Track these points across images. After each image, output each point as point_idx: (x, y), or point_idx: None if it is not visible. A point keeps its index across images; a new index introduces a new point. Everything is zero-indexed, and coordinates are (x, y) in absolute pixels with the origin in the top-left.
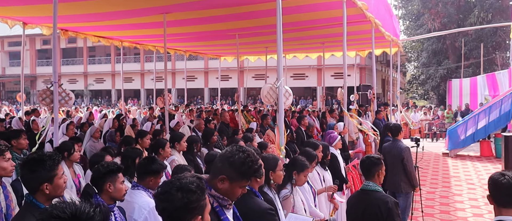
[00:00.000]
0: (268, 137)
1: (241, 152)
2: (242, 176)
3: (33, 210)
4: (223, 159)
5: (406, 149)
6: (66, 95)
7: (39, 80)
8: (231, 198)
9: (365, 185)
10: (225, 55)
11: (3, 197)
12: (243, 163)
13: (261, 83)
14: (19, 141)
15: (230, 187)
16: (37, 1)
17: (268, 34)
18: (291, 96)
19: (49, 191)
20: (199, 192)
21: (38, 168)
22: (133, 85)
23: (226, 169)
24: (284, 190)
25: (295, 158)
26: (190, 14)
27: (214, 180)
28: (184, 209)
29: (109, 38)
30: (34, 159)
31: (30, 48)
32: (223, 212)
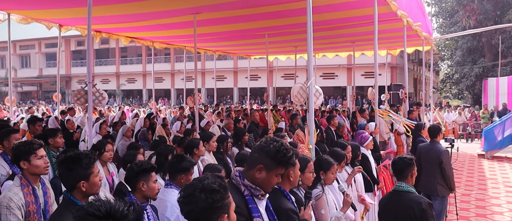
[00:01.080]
0: (297, 137)
1: (275, 142)
2: (278, 163)
3: (71, 207)
4: (259, 149)
5: (445, 152)
6: (99, 95)
7: (73, 80)
8: (268, 187)
9: (397, 186)
10: (254, 54)
11: (41, 193)
12: (278, 151)
13: (290, 83)
14: (55, 140)
15: (267, 177)
16: (72, 4)
17: (297, 33)
18: (321, 96)
19: (85, 189)
20: (222, 191)
21: (75, 166)
22: (164, 85)
23: (263, 159)
24: (316, 190)
25: (318, 158)
26: (220, 14)
27: (251, 171)
28: (209, 210)
29: (141, 39)
30: (71, 157)
31: (66, 49)
32: (253, 201)
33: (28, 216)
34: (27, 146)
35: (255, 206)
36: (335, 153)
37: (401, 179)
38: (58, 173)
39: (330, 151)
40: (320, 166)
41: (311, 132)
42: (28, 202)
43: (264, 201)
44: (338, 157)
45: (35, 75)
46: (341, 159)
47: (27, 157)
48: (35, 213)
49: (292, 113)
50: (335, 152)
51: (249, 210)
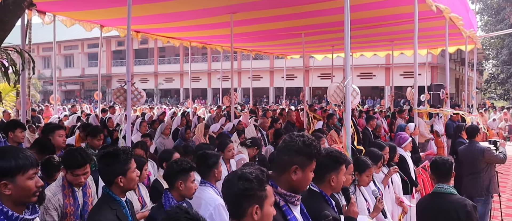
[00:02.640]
0: (330, 137)
1: (298, 136)
2: (310, 157)
3: (109, 201)
4: (287, 150)
5: (487, 149)
6: (138, 93)
7: (114, 79)
8: (304, 186)
9: (438, 188)
10: (290, 54)
11: (81, 194)
12: (306, 145)
13: (326, 82)
14: (93, 141)
15: (303, 175)
16: (113, 4)
17: (334, 32)
18: (358, 95)
19: (123, 184)
20: (256, 182)
21: (113, 162)
22: (200, 84)
23: (294, 158)
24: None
25: (357, 158)
26: (256, 14)
27: (284, 175)
28: (241, 196)
29: (178, 39)
30: (110, 153)
31: (106, 49)
32: (290, 211)
33: (64, 217)
34: (73, 161)
35: (293, 216)
36: (372, 153)
37: (443, 180)
38: (97, 169)
39: (366, 151)
40: (356, 167)
41: (347, 132)
42: (66, 204)
43: (298, 205)
44: (375, 157)
45: (78, 75)
46: (378, 160)
47: (72, 170)
48: (72, 215)
49: (328, 113)
50: (372, 153)
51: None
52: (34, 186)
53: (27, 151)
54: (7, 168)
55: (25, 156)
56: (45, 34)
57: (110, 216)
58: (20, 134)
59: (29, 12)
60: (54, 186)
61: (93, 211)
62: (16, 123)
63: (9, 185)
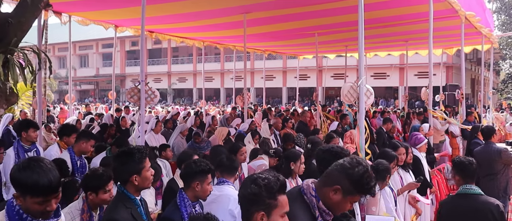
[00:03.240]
0: (350, 135)
1: (360, 166)
2: (357, 190)
3: (124, 200)
4: (342, 169)
5: (504, 151)
6: (152, 93)
7: (127, 79)
8: (337, 211)
9: (466, 189)
10: (303, 54)
11: (97, 218)
12: (361, 178)
13: (339, 83)
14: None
15: (341, 200)
16: (127, 4)
17: (348, 31)
18: (372, 95)
19: (138, 183)
20: (264, 189)
21: (128, 160)
22: (214, 84)
23: (342, 180)
24: None
25: (377, 166)
26: (269, 13)
27: (325, 188)
28: (248, 199)
29: (192, 39)
30: (124, 152)
31: (120, 49)
32: None
33: None
34: (98, 180)
35: None
36: (386, 154)
37: (468, 181)
38: (112, 168)
39: (381, 151)
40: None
41: (361, 133)
42: None
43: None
44: (388, 158)
45: (92, 74)
46: (391, 160)
47: (96, 190)
48: None
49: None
50: (385, 153)
51: None
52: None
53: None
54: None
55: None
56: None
57: (125, 215)
58: (33, 134)
59: (45, 13)
60: (74, 207)
61: (108, 210)
62: (29, 123)
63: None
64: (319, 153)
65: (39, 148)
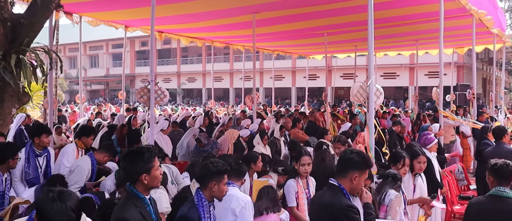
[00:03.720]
0: (363, 137)
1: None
2: (366, 166)
3: (134, 199)
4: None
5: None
6: (161, 93)
7: (137, 79)
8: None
9: (499, 191)
10: (313, 54)
11: None
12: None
13: (349, 83)
14: None
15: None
16: (137, 4)
17: (357, 31)
18: (382, 95)
19: (147, 182)
20: None
21: (137, 160)
22: (223, 84)
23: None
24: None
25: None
26: (278, 13)
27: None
28: None
29: (201, 39)
30: (134, 151)
31: (130, 49)
32: None
33: None
34: None
35: None
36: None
37: (503, 183)
38: (122, 166)
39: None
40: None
41: (371, 132)
42: None
43: None
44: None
45: (102, 74)
46: (398, 161)
47: None
48: None
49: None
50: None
51: None
52: None
53: None
54: None
55: None
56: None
57: (134, 214)
58: (46, 140)
59: (56, 14)
60: None
61: (118, 209)
62: (42, 128)
63: None
64: None
65: (51, 151)
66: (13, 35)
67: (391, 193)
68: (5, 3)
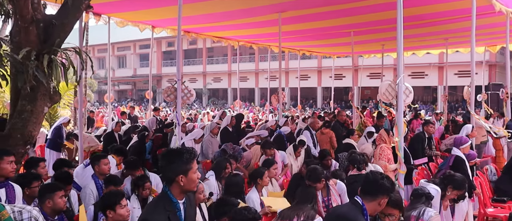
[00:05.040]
0: (380, 137)
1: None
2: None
3: (165, 202)
4: (378, 184)
5: None
6: (188, 92)
7: (164, 79)
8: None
9: None
10: (339, 53)
11: None
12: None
13: (375, 82)
14: None
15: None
16: (163, 4)
17: (385, 30)
18: (412, 94)
19: (183, 184)
20: None
21: (176, 160)
22: (248, 84)
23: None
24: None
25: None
26: (304, 12)
27: (372, 202)
28: None
29: (227, 39)
30: (173, 151)
31: (157, 50)
32: None
33: None
34: (113, 197)
35: None
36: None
37: None
38: (159, 165)
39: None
40: (427, 199)
41: (399, 131)
42: None
43: None
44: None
45: (130, 75)
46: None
47: (113, 207)
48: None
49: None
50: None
51: None
52: None
53: None
54: None
55: None
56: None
57: (161, 218)
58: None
59: (86, 15)
60: None
61: (148, 208)
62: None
63: None
64: None
65: None
66: (45, 36)
67: (430, 211)
68: (38, 4)
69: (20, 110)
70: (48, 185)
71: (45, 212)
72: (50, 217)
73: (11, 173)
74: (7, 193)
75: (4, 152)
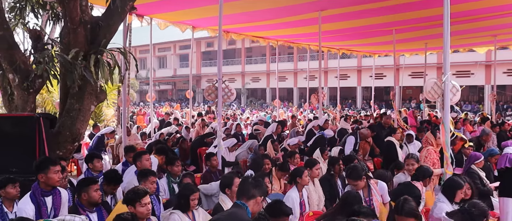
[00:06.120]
0: (426, 140)
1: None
2: None
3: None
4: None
5: None
6: (228, 91)
7: (203, 79)
8: None
9: None
10: (379, 52)
11: None
12: None
13: (418, 82)
14: (173, 168)
15: None
16: (204, 3)
17: (428, 27)
18: (459, 92)
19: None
20: None
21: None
22: (287, 84)
23: None
24: None
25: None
26: (345, 10)
27: None
28: None
29: (266, 38)
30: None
31: (196, 50)
32: None
33: None
34: (134, 194)
35: None
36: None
37: None
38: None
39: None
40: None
41: (446, 131)
42: None
43: None
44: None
45: (170, 75)
46: None
47: (134, 203)
48: None
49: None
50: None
51: None
52: None
53: None
54: None
55: None
56: (141, 37)
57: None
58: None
59: (129, 16)
60: None
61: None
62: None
63: None
64: None
65: None
66: (92, 37)
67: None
68: (86, 6)
69: (68, 109)
70: (83, 180)
71: (82, 204)
72: (87, 209)
73: (57, 182)
74: (53, 201)
75: (50, 162)
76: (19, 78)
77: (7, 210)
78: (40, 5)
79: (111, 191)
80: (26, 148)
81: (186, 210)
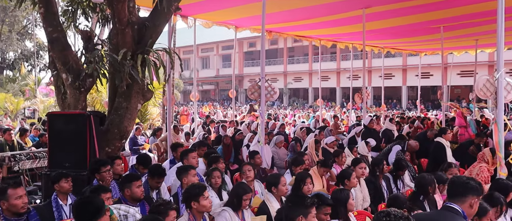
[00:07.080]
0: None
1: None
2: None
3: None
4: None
5: None
6: (271, 90)
7: (245, 79)
8: None
9: None
10: (426, 50)
11: None
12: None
13: (467, 81)
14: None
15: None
16: (247, 1)
17: (479, 24)
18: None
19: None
20: None
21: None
22: (329, 84)
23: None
24: None
25: None
26: (390, 7)
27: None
28: None
29: (308, 37)
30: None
31: (239, 50)
32: None
33: None
34: (196, 189)
35: None
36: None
37: None
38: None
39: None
40: None
41: (499, 129)
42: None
43: None
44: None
45: (213, 75)
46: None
47: (197, 198)
48: None
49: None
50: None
51: None
52: None
53: None
54: None
55: None
56: (184, 38)
57: None
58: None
59: (174, 17)
60: None
61: None
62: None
63: None
64: None
65: None
66: (139, 37)
67: None
68: (133, 8)
69: (116, 107)
70: (126, 176)
71: (126, 199)
72: (130, 203)
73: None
74: None
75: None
76: (71, 77)
77: (62, 203)
78: (90, 8)
79: (155, 185)
80: (77, 144)
81: (237, 209)
